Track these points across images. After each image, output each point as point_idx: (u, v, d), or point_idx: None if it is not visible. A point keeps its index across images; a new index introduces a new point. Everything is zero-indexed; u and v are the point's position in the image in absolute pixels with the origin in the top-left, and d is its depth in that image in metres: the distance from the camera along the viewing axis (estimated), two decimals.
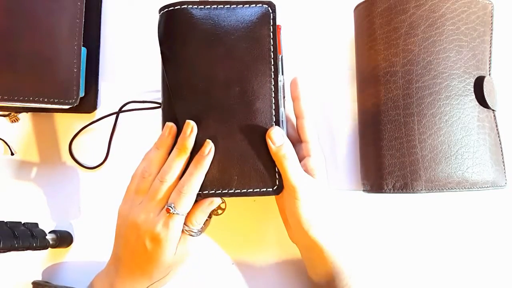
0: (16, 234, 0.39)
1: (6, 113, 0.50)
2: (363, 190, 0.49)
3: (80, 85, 0.47)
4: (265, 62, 0.40)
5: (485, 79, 0.46)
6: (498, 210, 0.50)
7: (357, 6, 0.50)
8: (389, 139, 0.45)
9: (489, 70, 0.48)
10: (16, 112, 0.50)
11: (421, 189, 0.44)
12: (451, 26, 0.45)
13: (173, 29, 0.40)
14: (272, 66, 0.40)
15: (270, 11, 0.41)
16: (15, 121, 0.50)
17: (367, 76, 0.48)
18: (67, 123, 0.51)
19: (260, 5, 0.41)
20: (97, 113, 0.51)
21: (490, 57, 0.48)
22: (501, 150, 0.47)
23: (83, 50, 0.49)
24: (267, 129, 0.39)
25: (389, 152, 0.45)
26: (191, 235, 0.39)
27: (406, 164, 0.44)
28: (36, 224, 0.44)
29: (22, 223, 0.43)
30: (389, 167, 0.45)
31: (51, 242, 0.44)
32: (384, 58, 0.46)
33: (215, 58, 0.39)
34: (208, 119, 0.39)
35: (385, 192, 0.45)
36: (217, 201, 0.39)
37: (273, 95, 0.39)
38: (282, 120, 0.40)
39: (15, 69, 0.45)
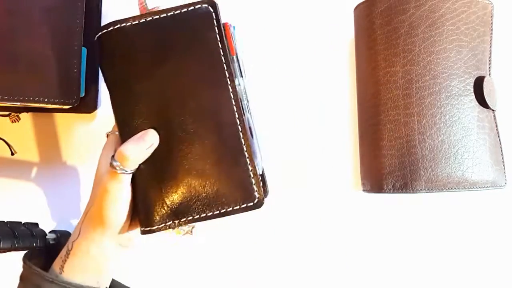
0: (16, 234, 0.39)
1: (6, 113, 0.50)
2: (363, 190, 0.49)
3: (81, 85, 0.47)
4: (217, 69, 0.36)
5: (485, 79, 0.46)
6: (498, 210, 0.50)
7: (357, 6, 0.50)
8: (389, 139, 0.45)
9: (489, 70, 0.48)
10: (16, 112, 0.50)
11: (421, 189, 0.44)
12: (451, 26, 0.45)
13: (112, 53, 0.36)
14: (226, 72, 0.36)
15: (212, 10, 0.36)
16: (15, 121, 0.50)
17: (367, 76, 0.48)
18: (67, 123, 0.51)
19: (199, 5, 0.36)
20: (98, 113, 0.51)
21: (490, 57, 0.48)
22: (501, 150, 0.47)
23: (83, 50, 0.49)
24: (236, 142, 0.35)
25: (389, 152, 0.45)
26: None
27: (406, 164, 0.44)
28: (36, 224, 0.44)
29: (22, 223, 0.43)
30: (389, 167, 0.45)
31: (51, 242, 0.44)
32: (384, 58, 0.46)
33: (163, 75, 0.35)
34: (171, 143, 0.35)
35: (385, 192, 0.45)
36: (153, 138, 0.35)
37: (233, 103, 0.36)
38: (250, 127, 0.38)
39: (15, 69, 0.44)
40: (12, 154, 0.50)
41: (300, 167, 0.51)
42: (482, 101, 0.46)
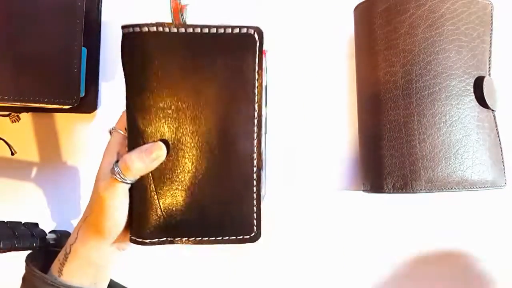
0: (16, 234, 0.39)
1: (6, 113, 0.50)
2: (363, 190, 0.49)
3: (81, 85, 0.47)
4: (247, 100, 0.34)
5: (485, 79, 0.46)
6: (498, 210, 0.50)
7: (357, 6, 0.50)
8: (389, 139, 0.45)
9: (489, 70, 0.48)
10: (16, 112, 0.50)
11: (421, 189, 0.44)
12: (450, 26, 0.45)
13: (142, 56, 0.33)
14: (256, 105, 0.34)
15: (257, 39, 0.34)
16: (15, 121, 0.50)
17: (367, 76, 0.48)
18: (67, 123, 0.51)
19: (245, 30, 0.33)
20: (97, 113, 0.52)
21: (489, 57, 0.48)
22: (501, 150, 0.47)
23: (83, 50, 0.49)
24: (248, 176, 0.34)
25: (389, 152, 0.45)
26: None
27: (406, 164, 0.44)
28: (36, 224, 0.44)
29: (22, 223, 0.43)
30: (389, 167, 0.45)
31: (51, 242, 0.44)
32: (384, 58, 0.46)
33: (188, 92, 0.33)
34: (180, 161, 0.34)
35: (385, 192, 0.45)
36: (160, 152, 0.33)
37: (255, 137, 0.34)
38: (264, 160, 0.37)
39: (15, 69, 0.45)
40: (12, 154, 0.50)
41: (300, 167, 0.51)
42: (482, 101, 0.46)
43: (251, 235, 0.35)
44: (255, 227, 0.35)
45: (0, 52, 0.44)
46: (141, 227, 0.34)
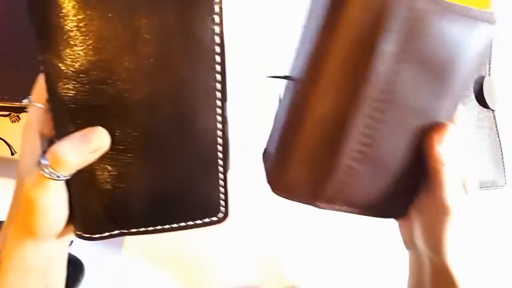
0: None
1: (6, 113, 0.50)
2: None
3: None
4: (207, 59, 0.26)
5: (485, 79, 0.46)
6: (498, 210, 0.50)
7: None
8: None
9: (489, 70, 0.48)
10: (16, 112, 0.50)
11: None
12: None
13: (57, 4, 0.24)
14: (218, 64, 0.27)
15: None
16: (15, 121, 0.50)
17: None
18: None
19: None
20: None
21: (490, 57, 0.48)
22: (501, 150, 0.47)
23: None
24: (212, 151, 0.29)
25: None
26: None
27: None
28: None
29: None
30: None
31: None
32: None
33: (131, 52, 0.25)
34: (127, 141, 0.27)
35: None
36: (102, 140, 0.26)
37: (219, 103, 0.28)
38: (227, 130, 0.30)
39: (15, 69, 0.45)
40: (12, 154, 0.50)
41: None
42: (482, 101, 0.46)
43: (219, 216, 0.31)
44: (222, 207, 0.31)
45: (1, 53, 0.45)
46: (86, 222, 0.29)
